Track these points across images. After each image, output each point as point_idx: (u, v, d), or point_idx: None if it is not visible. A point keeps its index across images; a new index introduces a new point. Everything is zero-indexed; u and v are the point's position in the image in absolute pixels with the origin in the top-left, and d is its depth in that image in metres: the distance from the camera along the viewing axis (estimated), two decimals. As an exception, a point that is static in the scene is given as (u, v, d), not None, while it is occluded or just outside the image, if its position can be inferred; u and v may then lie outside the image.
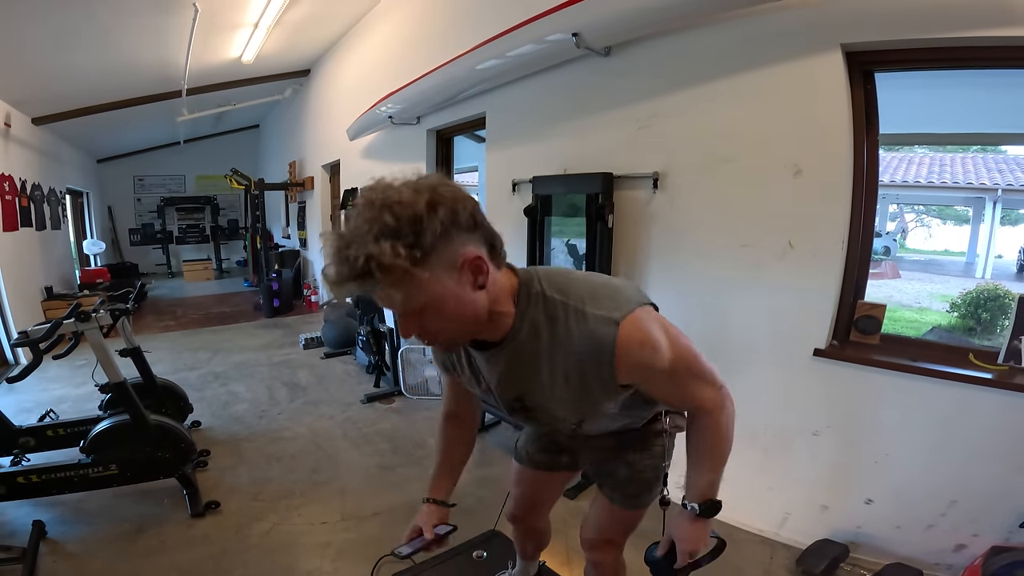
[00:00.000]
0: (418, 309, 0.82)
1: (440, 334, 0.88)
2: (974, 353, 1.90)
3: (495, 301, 0.90)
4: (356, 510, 2.56)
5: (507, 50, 2.87)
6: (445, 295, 0.81)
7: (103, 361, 2.35)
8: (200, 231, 11.73)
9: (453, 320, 0.84)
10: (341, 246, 0.75)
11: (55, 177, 7.01)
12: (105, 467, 2.38)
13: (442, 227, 0.76)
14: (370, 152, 5.48)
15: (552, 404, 1.01)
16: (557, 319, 0.92)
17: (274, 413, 3.74)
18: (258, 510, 2.53)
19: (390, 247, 0.73)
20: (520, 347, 0.95)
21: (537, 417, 1.07)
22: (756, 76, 2.16)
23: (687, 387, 1.00)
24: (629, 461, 1.27)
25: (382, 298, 0.80)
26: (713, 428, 1.03)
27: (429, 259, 0.76)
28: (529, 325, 0.93)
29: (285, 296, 7.18)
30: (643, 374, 0.93)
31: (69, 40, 4.46)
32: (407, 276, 0.75)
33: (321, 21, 5.48)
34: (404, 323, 0.85)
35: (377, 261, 0.72)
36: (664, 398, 1.06)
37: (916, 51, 1.83)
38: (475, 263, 0.82)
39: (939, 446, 1.90)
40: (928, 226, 9.15)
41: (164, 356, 5.02)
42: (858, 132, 1.99)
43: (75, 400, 3.87)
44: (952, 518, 1.89)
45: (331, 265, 0.77)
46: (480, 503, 2.60)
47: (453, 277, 0.81)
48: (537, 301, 0.93)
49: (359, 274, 0.73)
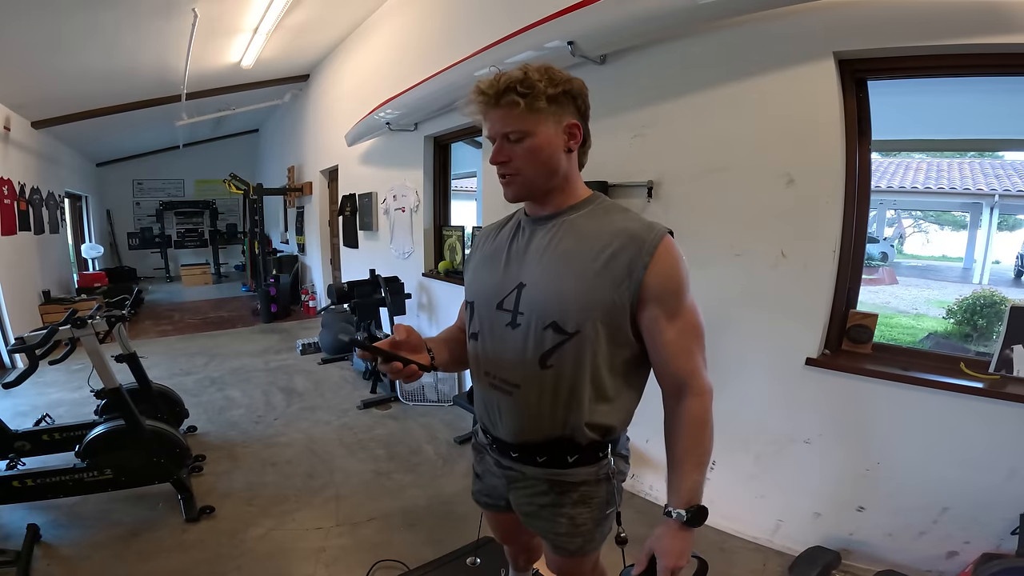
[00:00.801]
0: (520, 137, 1.01)
1: (520, 172, 1.04)
2: (965, 362, 1.91)
3: (571, 175, 1.09)
4: (351, 516, 2.56)
5: (505, 57, 2.89)
6: (546, 135, 1.01)
7: (99, 367, 2.36)
8: (199, 235, 11.73)
9: (537, 163, 1.03)
10: (503, 71, 1.00)
11: (54, 181, 7.03)
12: (100, 472, 2.39)
13: (572, 98, 1.02)
14: (368, 158, 5.50)
15: (553, 291, 1.04)
16: (618, 211, 1.09)
17: (270, 419, 3.74)
18: (253, 515, 2.53)
19: (542, 79, 0.98)
20: (577, 221, 1.07)
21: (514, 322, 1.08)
22: (749, 84, 2.18)
23: (689, 346, 1.02)
24: (568, 515, 1.15)
25: (499, 118, 1.01)
26: (700, 415, 1.01)
27: (553, 105, 1.00)
28: (593, 208, 1.09)
29: (283, 301, 7.19)
30: (664, 287, 0.99)
31: (69, 44, 4.48)
32: (535, 101, 0.98)
33: (320, 26, 5.50)
34: (500, 148, 1.04)
35: (530, 81, 0.97)
36: (661, 346, 1.02)
37: (909, 59, 1.85)
38: (573, 128, 1.04)
39: (930, 454, 1.91)
40: (926, 232, 9.18)
41: (161, 361, 5.03)
42: (850, 140, 2.00)
43: (71, 404, 3.87)
44: (944, 525, 1.90)
45: (486, 79, 1.01)
46: (473, 509, 2.58)
47: (557, 129, 1.02)
48: (603, 200, 1.12)
49: (510, 83, 0.97)
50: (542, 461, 1.13)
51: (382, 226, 5.27)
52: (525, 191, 1.08)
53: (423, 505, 2.66)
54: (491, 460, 1.26)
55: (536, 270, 1.07)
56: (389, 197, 5.01)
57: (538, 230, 1.11)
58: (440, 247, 4.58)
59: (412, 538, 2.39)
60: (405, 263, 4.85)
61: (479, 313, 1.16)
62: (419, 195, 4.54)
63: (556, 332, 1.03)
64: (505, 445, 1.18)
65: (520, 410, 1.11)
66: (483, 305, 1.15)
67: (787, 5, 1.90)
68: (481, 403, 1.22)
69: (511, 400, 1.11)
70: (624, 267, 0.99)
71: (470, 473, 3.07)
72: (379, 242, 5.38)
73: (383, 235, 5.27)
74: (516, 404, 1.11)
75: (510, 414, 1.13)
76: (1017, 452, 1.73)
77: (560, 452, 1.11)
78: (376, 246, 5.47)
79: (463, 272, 1.27)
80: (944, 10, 1.72)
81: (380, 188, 5.22)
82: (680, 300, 1.01)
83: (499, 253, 1.17)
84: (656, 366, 1.06)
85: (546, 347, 1.04)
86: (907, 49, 1.82)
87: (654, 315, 1.00)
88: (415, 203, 4.60)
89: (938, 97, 2.61)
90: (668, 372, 1.04)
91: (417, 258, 4.68)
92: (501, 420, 1.16)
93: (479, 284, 1.19)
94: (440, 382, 4.02)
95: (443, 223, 4.59)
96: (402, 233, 4.87)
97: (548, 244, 1.07)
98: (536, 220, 1.12)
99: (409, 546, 2.33)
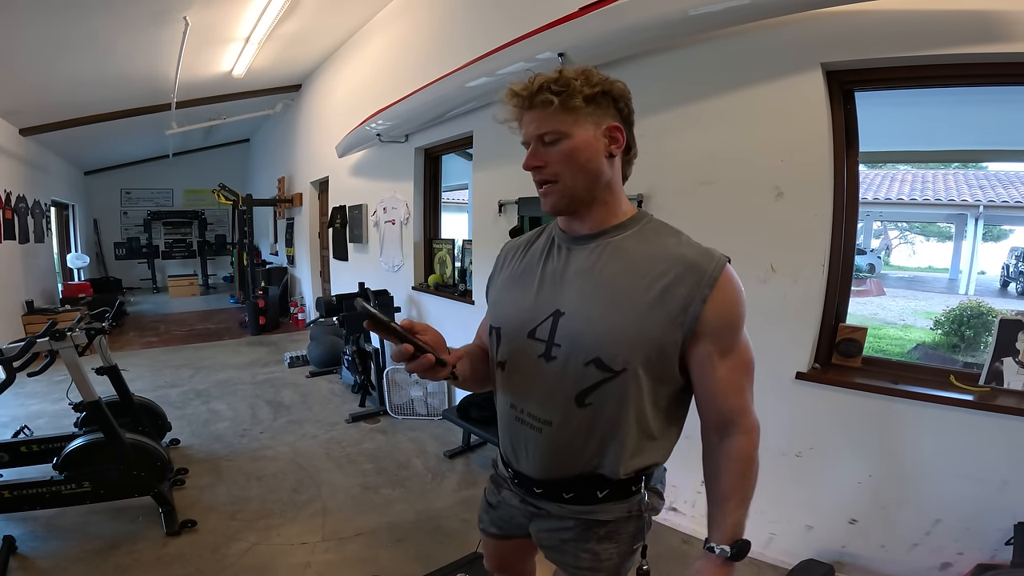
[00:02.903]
0: (555, 139, 0.93)
1: (557, 177, 0.95)
2: (955, 375, 1.91)
3: (614, 185, 0.99)
4: (337, 531, 2.51)
5: (496, 69, 2.90)
6: (584, 137, 0.93)
7: (77, 380, 2.32)
8: (187, 246, 11.63)
9: (576, 167, 0.94)
10: (538, 74, 0.94)
11: (40, 189, 6.95)
12: (78, 484, 2.35)
13: (612, 99, 0.94)
14: (358, 170, 5.49)
15: (599, 323, 0.93)
16: (670, 234, 0.99)
17: (256, 432, 3.67)
18: (236, 529, 2.48)
19: (578, 78, 0.91)
20: (623, 243, 0.98)
21: (548, 354, 0.97)
22: (737, 96, 2.19)
23: (740, 383, 0.95)
24: (593, 551, 1.07)
25: (533, 119, 0.94)
26: (748, 453, 0.95)
27: (591, 105, 0.92)
28: (641, 229, 0.99)
29: (271, 313, 7.12)
30: (722, 322, 0.91)
31: (58, 51, 4.45)
32: (570, 100, 0.90)
33: (313, 37, 5.51)
34: (535, 151, 0.96)
35: (565, 79, 0.91)
36: (711, 383, 0.94)
37: (896, 69, 1.86)
38: (615, 131, 0.95)
39: (922, 467, 1.90)
40: (911, 243, 9.29)
41: (145, 373, 4.96)
42: (838, 153, 2.02)
43: (52, 416, 3.79)
44: (937, 537, 1.89)
45: (519, 81, 0.95)
46: (464, 525, 2.56)
47: (596, 131, 0.94)
48: (651, 219, 1.02)
49: (544, 82, 0.91)
50: (568, 498, 1.05)
51: (372, 239, 5.24)
52: (565, 200, 0.97)
53: (411, 520, 2.61)
54: (510, 494, 1.18)
55: (577, 297, 0.97)
56: (379, 209, 4.99)
57: (577, 251, 1.01)
58: (430, 260, 4.56)
59: (400, 554, 2.35)
60: (395, 276, 4.82)
61: (507, 341, 1.06)
62: (409, 207, 4.53)
63: (600, 369, 0.93)
64: (528, 481, 1.09)
65: (550, 448, 1.02)
66: (512, 332, 1.04)
67: (775, 16, 1.92)
68: (506, 436, 1.12)
69: (540, 437, 1.02)
70: (681, 300, 0.90)
71: (460, 488, 3.01)
72: (369, 255, 5.35)
73: (373, 248, 5.24)
74: (546, 442, 1.02)
75: (538, 451, 1.04)
76: (1009, 463, 1.73)
77: (590, 488, 1.03)
78: (366, 259, 5.44)
79: (486, 291, 1.20)
80: (932, 20, 1.74)
81: (370, 200, 5.20)
82: (736, 336, 0.93)
83: (530, 274, 1.06)
84: (700, 400, 0.98)
85: (586, 384, 0.95)
86: (895, 60, 1.84)
87: (706, 352, 0.92)
88: (405, 215, 4.59)
89: (922, 108, 2.64)
90: (714, 409, 0.96)
91: (407, 271, 4.65)
92: (527, 456, 1.06)
93: (507, 308, 1.08)
94: (430, 396, 3.98)
95: (433, 236, 4.58)
96: (392, 246, 4.85)
97: (591, 268, 0.97)
98: (575, 239, 1.02)
99: (397, 562, 2.29)
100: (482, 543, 1.37)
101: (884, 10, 1.79)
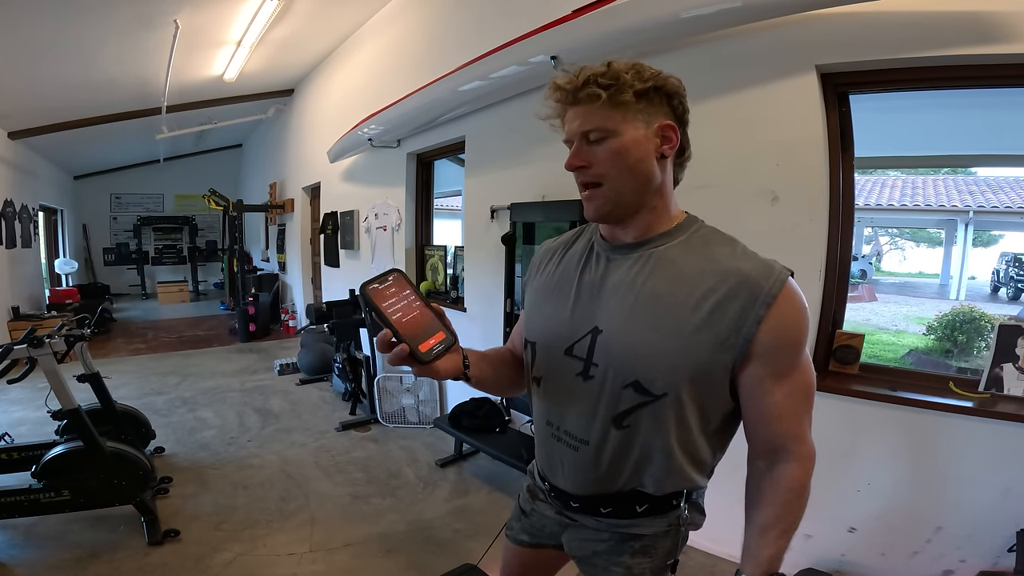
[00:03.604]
0: (602, 136, 0.85)
1: (603, 179, 0.87)
2: (954, 381, 1.89)
3: (665, 190, 0.91)
4: (326, 541, 2.44)
5: (489, 72, 2.88)
6: (633, 136, 0.84)
7: (56, 388, 2.27)
8: (177, 252, 11.51)
9: (624, 169, 0.85)
10: (584, 66, 0.86)
11: (28, 193, 6.86)
12: (57, 493, 2.30)
13: (665, 96, 0.86)
14: (350, 175, 5.45)
15: (638, 344, 0.86)
16: (723, 243, 0.90)
17: (243, 440, 3.60)
18: (220, 539, 2.42)
19: (628, 71, 0.83)
20: (668, 254, 0.89)
21: (586, 373, 0.91)
22: (731, 99, 2.17)
23: (797, 408, 0.86)
24: (626, 564, 1.02)
25: (578, 115, 0.86)
26: (800, 483, 0.87)
27: (642, 101, 0.84)
28: (689, 238, 0.91)
29: (262, 320, 7.03)
30: (779, 344, 0.82)
31: (47, 53, 4.41)
32: (619, 95, 0.82)
33: (305, 41, 5.48)
34: (578, 150, 0.88)
35: (614, 72, 0.83)
36: (763, 408, 0.86)
37: (892, 71, 1.85)
38: (668, 130, 0.87)
39: (922, 473, 1.87)
40: (902, 248, 9.34)
41: (131, 380, 4.87)
42: (834, 156, 2.00)
43: (34, 423, 3.71)
44: (938, 544, 1.85)
45: (563, 75, 0.87)
46: (456, 535, 2.51)
47: (646, 130, 0.85)
48: (700, 226, 0.94)
49: (591, 75, 0.83)
50: (606, 512, 1.00)
51: (363, 245, 5.19)
52: (611, 206, 0.88)
53: (402, 531, 2.55)
54: (545, 506, 1.13)
55: (616, 314, 0.89)
56: (371, 215, 4.94)
57: (618, 261, 0.93)
58: (422, 267, 4.51)
59: (390, 565, 2.29)
60: (387, 282, 4.76)
61: (543, 356, 0.99)
62: (401, 213, 4.49)
63: (638, 392, 0.87)
64: (565, 495, 1.04)
65: (587, 467, 0.96)
66: (548, 348, 0.98)
67: (768, 19, 1.90)
68: (543, 451, 1.06)
69: (577, 456, 0.97)
70: (732, 321, 0.82)
71: (451, 497, 2.95)
72: (360, 261, 5.30)
73: (364, 254, 5.19)
74: (583, 461, 0.96)
75: (575, 469, 0.98)
76: (1011, 470, 1.70)
77: (629, 503, 0.97)
78: (357, 265, 5.38)
79: (522, 295, 1.14)
80: (927, 22, 1.72)
81: (362, 206, 5.16)
82: (795, 358, 0.84)
83: (566, 284, 0.98)
84: (749, 424, 0.90)
85: (624, 407, 0.89)
86: (890, 61, 1.82)
87: (759, 375, 0.84)
88: (397, 221, 4.54)
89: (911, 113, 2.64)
90: (765, 435, 0.88)
91: (398, 278, 4.59)
92: (564, 472, 1.01)
93: (542, 321, 1.01)
94: (422, 404, 3.92)
95: (425, 242, 4.54)
96: (383, 252, 4.80)
97: (632, 281, 0.89)
98: (616, 248, 0.94)
99: (387, 573, 2.24)
100: (505, 550, 1.29)
101: (879, 12, 1.78)
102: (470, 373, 0.92)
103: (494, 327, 3.37)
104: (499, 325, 3.26)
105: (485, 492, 2.91)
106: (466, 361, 0.91)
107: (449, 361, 0.86)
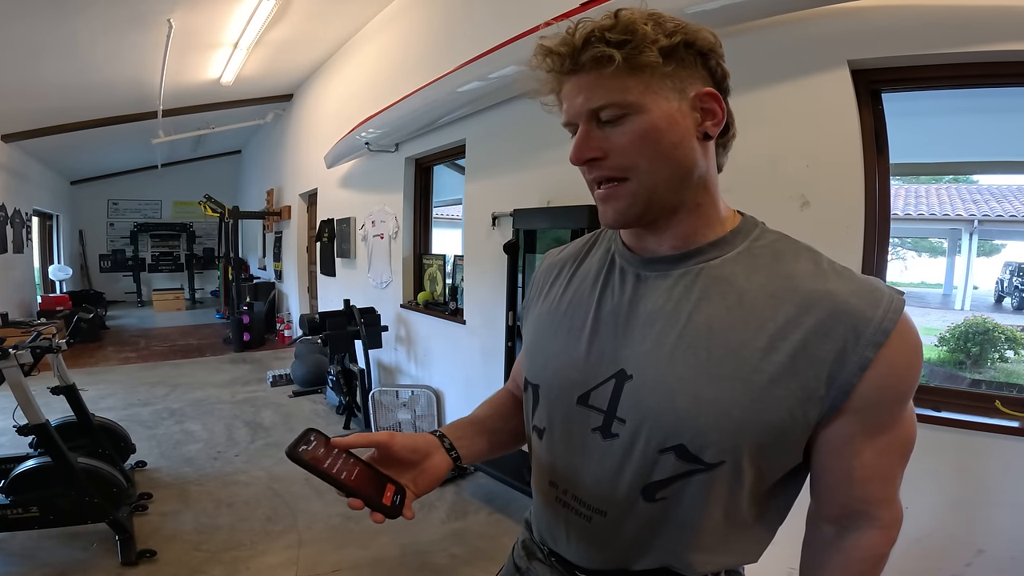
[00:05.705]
0: (620, 115, 0.60)
1: (627, 172, 0.62)
2: (1000, 400, 1.76)
3: (709, 181, 0.67)
4: (313, 565, 2.31)
5: (488, 72, 2.77)
6: (665, 111, 0.61)
7: (22, 402, 2.17)
8: (174, 259, 11.41)
9: (655, 156, 0.61)
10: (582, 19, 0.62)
11: (22, 198, 6.77)
12: (25, 509, 2.20)
13: (700, 55, 0.63)
14: (347, 181, 5.34)
15: (687, 399, 0.62)
16: (800, 255, 0.65)
17: (230, 455, 3.45)
18: (200, 561, 2.28)
19: (648, 22, 0.59)
20: (725, 270, 0.65)
21: (607, 429, 0.68)
22: (756, 97, 2.03)
23: (890, 469, 0.65)
24: None
25: (583, 87, 0.62)
26: (880, 553, 0.66)
27: (671, 63, 0.60)
28: (750, 247, 0.67)
29: (256, 330, 6.90)
30: (884, 396, 0.59)
31: (36, 55, 4.32)
32: (639, 54, 0.58)
33: (304, 44, 5.39)
34: (585, 136, 0.63)
35: (627, 25, 0.58)
36: (848, 469, 0.63)
37: (928, 68, 1.72)
38: (709, 99, 0.63)
39: (963, 495, 1.75)
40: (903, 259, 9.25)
41: (118, 390, 4.74)
42: (868, 158, 1.85)
43: (13, 434, 3.54)
44: (979, 568, 1.72)
45: (554, 34, 0.62)
46: (453, 561, 2.36)
47: (680, 102, 0.62)
48: (763, 231, 0.69)
49: (595, 32, 0.59)
50: None
51: (360, 253, 5.07)
52: (640, 208, 0.64)
53: (395, 555, 2.40)
54: (543, 568, 0.85)
55: (653, 355, 0.65)
56: (368, 223, 4.82)
57: (652, 281, 0.69)
58: (420, 277, 4.38)
59: (380, 594, 2.14)
60: (383, 293, 4.63)
61: (548, 404, 0.75)
62: (398, 221, 4.36)
63: (682, 459, 0.63)
64: (570, 566, 0.78)
65: (602, 542, 0.72)
66: (554, 394, 0.74)
67: (775, 15, 1.79)
68: (542, 514, 0.81)
69: (589, 527, 0.72)
70: (824, 365, 0.58)
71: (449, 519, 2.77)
72: (357, 270, 5.17)
73: (361, 263, 5.06)
74: (597, 534, 0.72)
75: (585, 542, 0.74)
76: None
77: None
78: (353, 274, 5.26)
79: (521, 320, 0.92)
80: (969, 13, 1.59)
81: (359, 213, 5.04)
82: (900, 409, 0.62)
83: (580, 311, 0.74)
84: (824, 485, 0.67)
85: (659, 476, 0.65)
86: (926, 57, 1.69)
87: (849, 433, 0.61)
88: (394, 229, 4.42)
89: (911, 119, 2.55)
90: (842, 498, 0.66)
91: (395, 288, 4.46)
92: (568, 543, 0.76)
93: (546, 359, 0.76)
94: (418, 419, 3.78)
95: (423, 251, 4.40)
96: (380, 261, 4.67)
97: (675, 310, 0.65)
98: (648, 263, 0.70)
99: (376, 604, 2.08)
100: None
101: (914, 4, 1.66)
102: (463, 463, 0.78)
103: (495, 341, 3.23)
104: (500, 339, 3.12)
105: (485, 514, 2.75)
106: (452, 453, 0.78)
107: (432, 471, 0.75)
